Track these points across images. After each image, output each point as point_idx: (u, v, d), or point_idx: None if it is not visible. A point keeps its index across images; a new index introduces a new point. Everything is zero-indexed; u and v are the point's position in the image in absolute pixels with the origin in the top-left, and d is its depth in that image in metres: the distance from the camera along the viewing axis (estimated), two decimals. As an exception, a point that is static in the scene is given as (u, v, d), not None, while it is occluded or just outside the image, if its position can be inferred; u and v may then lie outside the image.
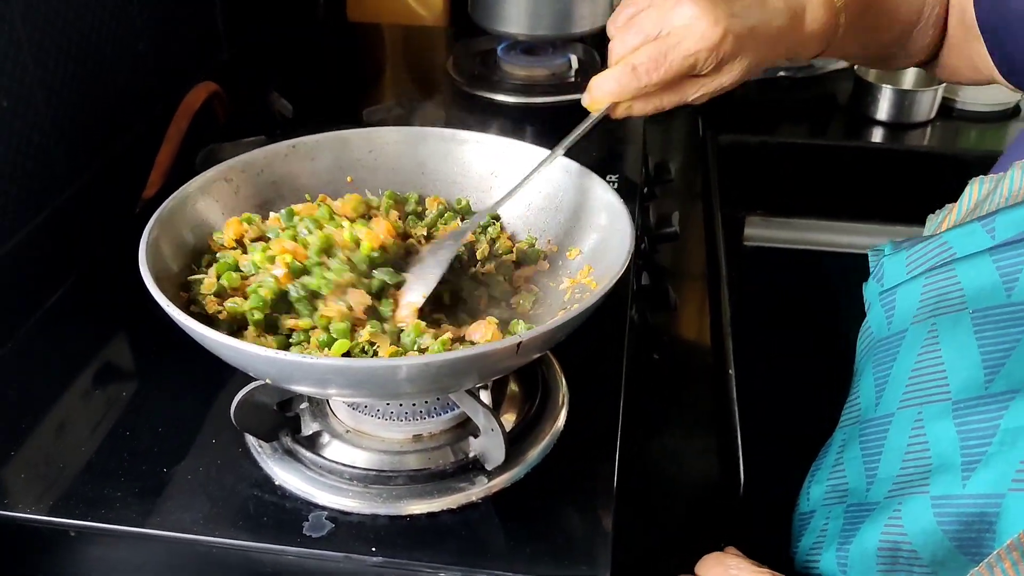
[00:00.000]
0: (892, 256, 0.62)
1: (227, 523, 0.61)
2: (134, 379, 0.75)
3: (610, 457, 0.67)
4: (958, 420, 0.52)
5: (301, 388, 0.59)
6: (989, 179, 0.59)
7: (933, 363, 0.55)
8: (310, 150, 0.74)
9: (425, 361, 0.53)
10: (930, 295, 0.57)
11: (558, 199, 0.72)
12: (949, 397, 0.53)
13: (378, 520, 0.61)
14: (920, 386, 0.55)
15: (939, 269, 0.57)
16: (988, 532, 0.49)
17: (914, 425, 0.55)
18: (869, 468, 0.58)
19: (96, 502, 0.62)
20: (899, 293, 0.60)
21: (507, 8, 1.19)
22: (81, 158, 0.95)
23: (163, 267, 0.61)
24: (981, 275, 0.54)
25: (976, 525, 0.50)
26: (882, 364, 0.60)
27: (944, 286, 0.56)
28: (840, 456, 0.62)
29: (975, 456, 0.50)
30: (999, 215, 0.54)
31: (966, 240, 0.56)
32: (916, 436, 0.54)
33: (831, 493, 0.62)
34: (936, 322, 0.56)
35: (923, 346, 0.56)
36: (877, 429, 0.58)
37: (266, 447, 0.66)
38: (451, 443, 0.66)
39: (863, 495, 0.58)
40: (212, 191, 0.69)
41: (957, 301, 0.55)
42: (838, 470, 0.62)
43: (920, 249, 0.59)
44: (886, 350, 0.60)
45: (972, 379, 0.52)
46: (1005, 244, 0.54)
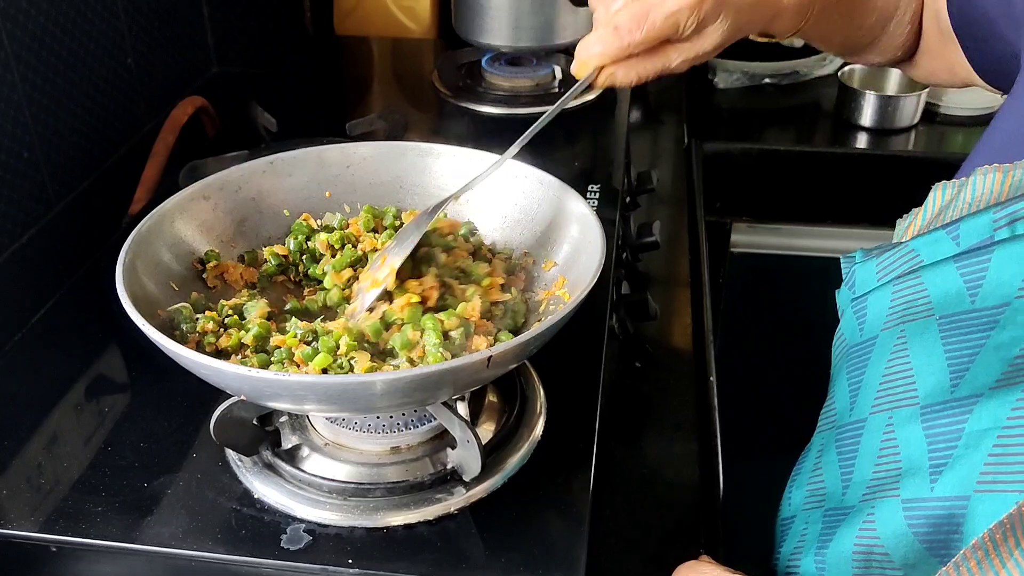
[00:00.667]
0: (863, 263, 0.62)
1: (206, 537, 0.61)
2: (116, 394, 0.76)
3: (587, 465, 0.67)
4: (926, 424, 0.53)
5: (277, 404, 0.60)
6: (952, 184, 0.60)
7: (902, 369, 0.56)
8: (288, 166, 0.75)
9: (398, 376, 0.54)
10: (899, 302, 0.58)
11: (533, 211, 0.73)
12: (917, 402, 0.54)
13: (355, 532, 0.62)
14: (890, 391, 0.56)
15: (907, 276, 0.58)
16: (956, 533, 0.50)
17: (885, 429, 0.56)
18: (844, 472, 0.59)
19: (77, 517, 0.63)
20: (870, 300, 0.61)
21: (490, 20, 1.21)
22: (70, 174, 0.95)
23: (140, 286, 0.62)
24: (946, 282, 0.55)
25: (944, 527, 0.50)
26: (855, 370, 0.61)
27: (912, 293, 0.57)
28: (819, 461, 0.63)
29: (942, 459, 0.51)
30: (963, 222, 0.55)
31: (932, 247, 0.57)
32: (887, 440, 0.55)
33: (810, 498, 0.63)
34: (905, 328, 0.57)
35: (892, 352, 0.57)
36: (852, 434, 0.59)
37: (246, 461, 0.67)
38: (429, 454, 0.67)
39: (839, 499, 0.59)
40: (190, 209, 0.70)
41: (924, 308, 0.56)
42: (816, 475, 0.63)
43: (889, 256, 0.60)
44: (859, 356, 0.61)
45: (939, 384, 0.53)
46: (968, 251, 0.54)
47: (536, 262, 0.71)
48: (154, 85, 1.13)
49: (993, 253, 0.53)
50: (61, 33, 0.93)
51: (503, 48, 1.23)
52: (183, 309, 0.65)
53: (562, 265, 0.68)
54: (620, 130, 1.17)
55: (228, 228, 0.71)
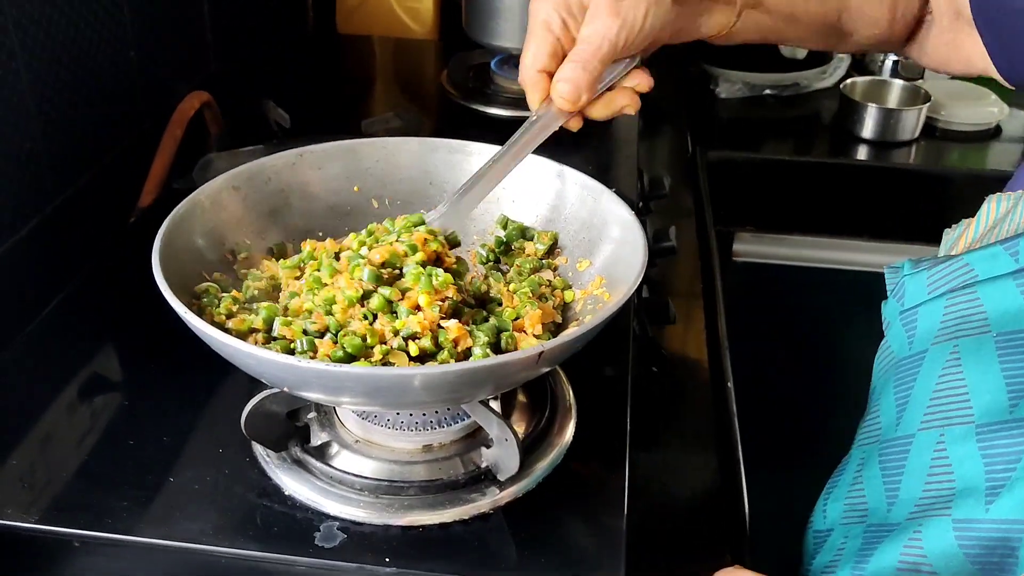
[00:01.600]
0: (913, 276, 0.62)
1: (237, 534, 0.60)
2: (134, 389, 0.74)
3: (620, 468, 0.67)
4: (982, 444, 0.52)
5: (316, 396, 0.59)
6: (1007, 197, 0.59)
7: (955, 385, 0.55)
8: (318, 159, 0.74)
9: (442, 370, 0.53)
10: (952, 316, 0.58)
11: (565, 211, 0.72)
12: (972, 420, 0.53)
13: (390, 531, 0.61)
14: (942, 408, 0.55)
15: (961, 291, 0.57)
16: (1011, 557, 0.49)
17: (936, 447, 0.55)
18: (890, 489, 0.58)
19: (101, 512, 0.61)
20: (920, 313, 0.60)
21: (501, 23, 1.20)
22: (72, 167, 0.94)
23: (175, 274, 0.60)
24: (1005, 299, 0.54)
25: (999, 550, 0.50)
26: (903, 384, 0.60)
27: (966, 308, 0.57)
28: (859, 475, 0.62)
29: (999, 481, 0.51)
30: (1022, 239, 0.55)
31: (989, 263, 0.56)
32: (939, 458, 0.54)
33: (850, 512, 0.62)
34: (958, 344, 0.56)
35: (944, 367, 0.56)
36: (898, 449, 0.58)
37: (274, 457, 0.65)
38: (461, 454, 0.66)
39: (884, 515, 0.58)
40: (220, 199, 0.68)
41: (980, 323, 0.55)
42: (857, 489, 0.62)
43: (942, 269, 0.59)
44: (907, 370, 0.60)
45: (996, 403, 0.52)
46: None
47: (569, 261, 0.71)
48: (155, 79, 1.11)
49: None
50: (66, 23, 0.92)
51: (514, 50, 1.22)
52: (211, 288, 0.63)
53: (600, 265, 0.68)
54: (630, 135, 1.17)
55: (259, 219, 0.70)
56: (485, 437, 0.65)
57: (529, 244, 0.71)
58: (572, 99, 0.63)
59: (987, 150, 1.43)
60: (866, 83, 1.47)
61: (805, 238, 1.42)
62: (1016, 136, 1.47)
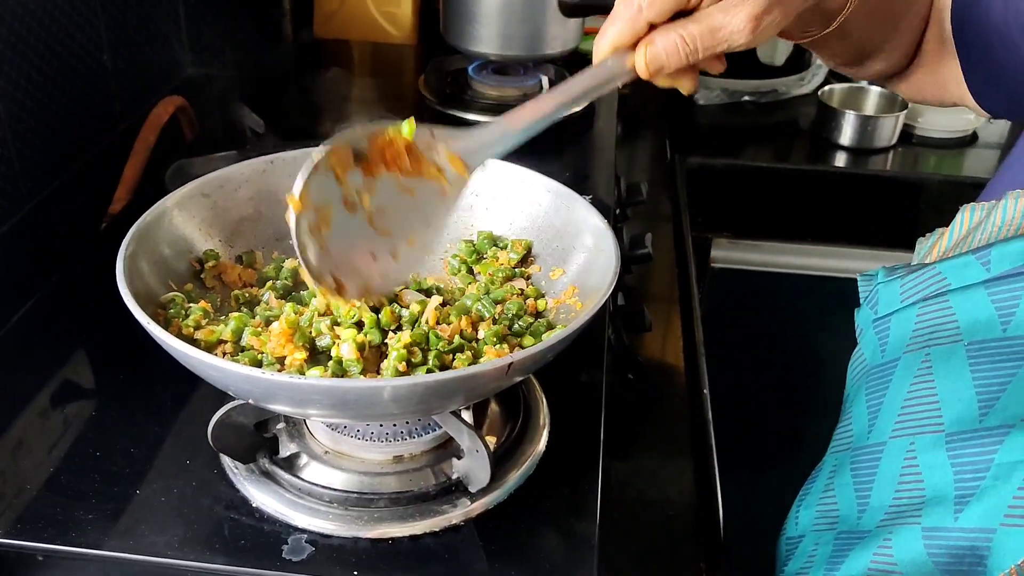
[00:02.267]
0: (886, 284, 0.62)
1: (204, 547, 0.59)
2: (102, 398, 0.73)
3: (593, 478, 0.66)
4: (951, 452, 0.52)
5: (283, 408, 0.58)
6: (980, 207, 0.59)
7: (926, 393, 0.55)
8: (288, 166, 0.73)
9: (412, 382, 0.52)
10: (924, 325, 0.58)
11: (541, 220, 0.72)
12: (942, 428, 0.53)
13: (359, 543, 0.60)
14: (913, 416, 0.56)
15: (934, 299, 0.57)
16: (979, 566, 0.49)
17: (907, 455, 0.55)
18: (861, 496, 0.58)
19: (66, 525, 0.60)
20: (893, 321, 0.60)
21: (480, 28, 1.20)
22: (44, 172, 0.92)
23: (141, 283, 0.59)
24: (976, 308, 0.54)
25: (967, 559, 0.50)
26: (875, 392, 0.60)
27: (938, 317, 0.57)
28: (831, 482, 0.62)
29: (968, 490, 0.51)
30: (994, 248, 0.55)
31: (961, 272, 0.56)
32: (909, 466, 0.54)
33: (821, 519, 0.62)
34: (930, 352, 0.56)
35: (916, 376, 0.56)
36: (869, 457, 0.58)
37: (242, 469, 0.64)
38: (432, 464, 0.65)
39: (854, 523, 0.58)
40: (189, 206, 0.68)
41: (952, 332, 0.55)
42: (828, 496, 0.62)
43: (915, 278, 0.59)
44: (879, 378, 0.60)
45: (966, 412, 0.52)
46: (1001, 278, 0.54)
47: (543, 270, 0.70)
48: (129, 84, 1.10)
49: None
50: (38, 27, 0.91)
51: (492, 56, 1.22)
52: (176, 298, 0.63)
53: (573, 274, 0.67)
54: (608, 142, 1.17)
55: (227, 227, 0.69)
56: (456, 448, 0.65)
57: (502, 252, 0.71)
58: (654, 71, 0.54)
59: (963, 157, 1.44)
60: (844, 90, 1.48)
61: (782, 244, 1.42)
62: (992, 143, 1.47)
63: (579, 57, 1.39)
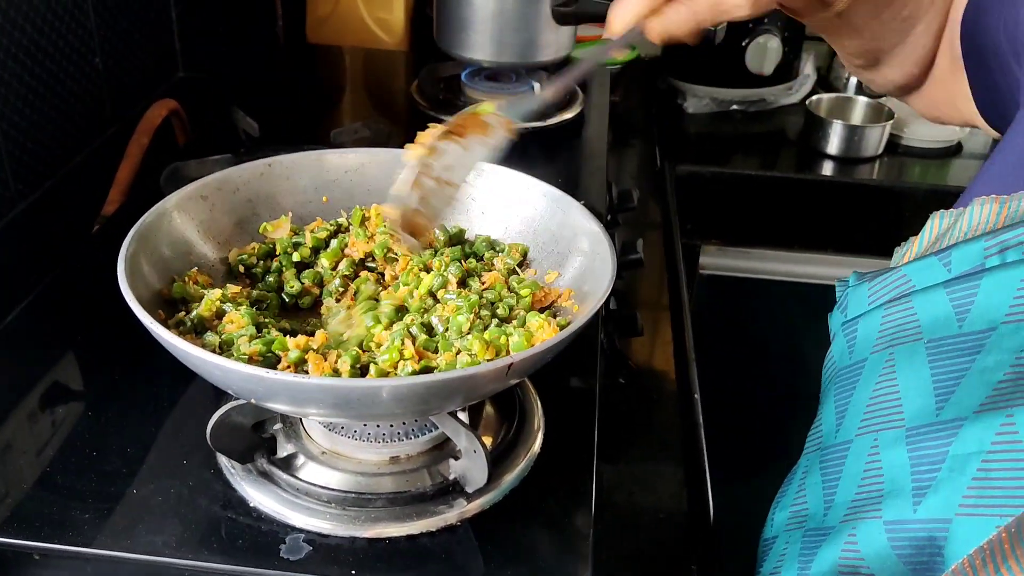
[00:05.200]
0: (856, 287, 0.63)
1: (202, 546, 0.59)
2: (97, 398, 0.73)
3: (588, 479, 0.67)
4: (910, 446, 0.53)
5: (284, 408, 0.58)
6: (949, 214, 0.61)
7: (889, 391, 0.56)
8: (286, 169, 0.74)
9: (411, 382, 0.53)
10: (889, 326, 0.59)
11: (536, 223, 0.72)
12: (903, 424, 0.54)
13: (356, 543, 0.60)
14: (877, 414, 0.57)
15: (898, 301, 0.59)
16: (938, 556, 0.50)
17: (870, 451, 0.56)
18: (827, 493, 0.59)
19: (62, 524, 0.60)
20: (860, 323, 0.62)
21: (472, 35, 1.20)
22: (36, 174, 0.92)
23: (141, 283, 0.60)
24: (936, 307, 0.56)
25: (927, 549, 0.51)
26: (843, 392, 0.61)
27: (902, 317, 0.58)
28: (803, 483, 0.63)
29: (925, 482, 0.52)
30: (955, 249, 0.56)
31: (924, 273, 0.57)
32: (872, 462, 0.55)
33: (792, 519, 0.63)
34: (894, 352, 0.57)
35: (881, 375, 0.57)
36: (837, 456, 0.59)
37: (239, 468, 0.65)
38: (428, 465, 0.65)
39: (820, 520, 0.59)
40: (188, 208, 0.68)
41: (913, 332, 0.57)
42: (800, 496, 0.63)
43: (881, 281, 0.61)
44: (847, 379, 0.61)
45: (925, 407, 0.53)
46: (959, 277, 0.55)
47: (538, 273, 0.71)
48: (121, 87, 1.10)
49: (983, 279, 0.54)
50: (31, 28, 0.91)
51: (485, 63, 1.22)
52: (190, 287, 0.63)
53: (570, 278, 0.68)
54: (599, 149, 1.18)
55: (226, 229, 0.70)
56: (453, 449, 0.65)
57: (499, 257, 0.72)
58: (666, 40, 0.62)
59: (948, 167, 1.45)
60: (831, 100, 1.50)
61: (770, 252, 1.43)
62: (977, 154, 1.49)
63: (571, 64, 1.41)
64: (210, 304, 0.62)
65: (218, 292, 0.64)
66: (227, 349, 0.60)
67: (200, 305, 0.63)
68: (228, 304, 0.63)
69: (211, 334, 0.61)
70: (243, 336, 0.60)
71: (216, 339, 0.60)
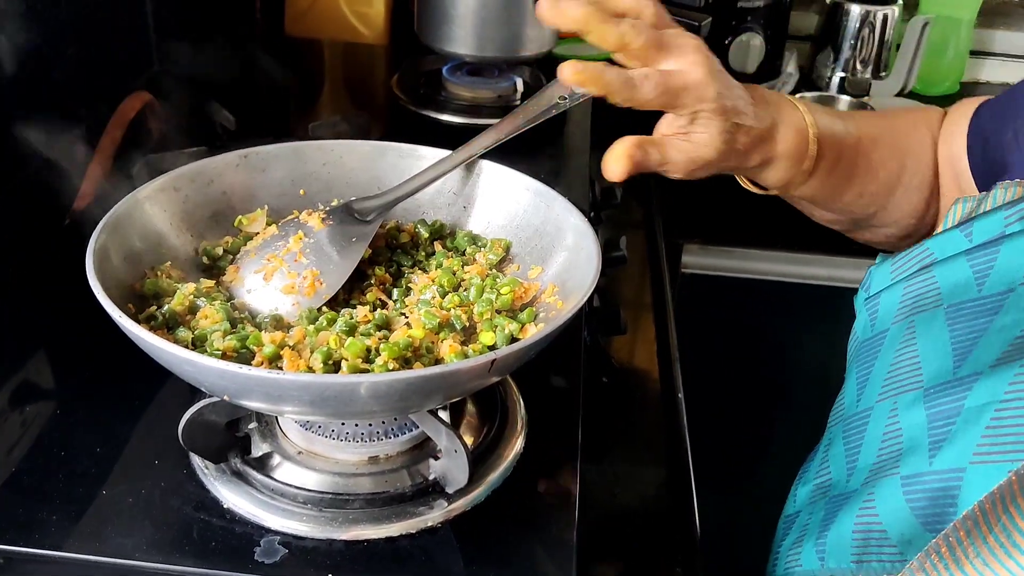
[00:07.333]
0: (879, 266, 0.64)
1: (173, 548, 0.57)
2: (65, 396, 0.71)
3: (571, 479, 0.66)
4: (928, 405, 0.54)
5: (258, 405, 0.56)
6: (972, 198, 0.62)
7: (910, 357, 0.57)
8: (262, 161, 0.72)
9: (391, 379, 0.51)
10: (910, 297, 0.60)
11: (519, 218, 0.71)
12: (922, 385, 0.55)
13: (334, 545, 0.59)
14: (897, 379, 0.58)
15: (919, 272, 0.60)
16: (951, 506, 0.50)
17: (890, 415, 0.57)
18: (850, 460, 0.60)
19: (28, 526, 0.58)
20: (882, 297, 0.63)
21: (454, 29, 1.19)
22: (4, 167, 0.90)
23: (111, 276, 0.58)
24: (956, 274, 0.57)
25: (941, 500, 0.51)
26: (864, 363, 0.62)
27: (923, 287, 0.59)
28: (826, 455, 0.64)
29: (941, 436, 0.52)
30: (976, 221, 0.57)
31: (946, 245, 0.59)
32: (891, 424, 0.56)
33: (816, 491, 0.64)
34: (914, 320, 0.58)
35: (901, 342, 0.58)
36: (859, 423, 0.60)
37: (213, 468, 0.63)
38: (408, 465, 0.64)
39: (843, 487, 0.60)
40: (160, 200, 0.66)
41: (934, 299, 0.58)
42: (824, 468, 0.64)
43: (903, 256, 0.62)
44: (868, 350, 0.62)
45: (942, 367, 0.54)
46: (980, 246, 0.56)
47: (521, 268, 0.69)
48: (95, 78, 1.08)
49: (1003, 245, 0.55)
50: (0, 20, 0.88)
51: (467, 57, 1.21)
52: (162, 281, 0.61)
53: (554, 273, 0.67)
54: (582, 146, 1.16)
55: (199, 222, 0.68)
56: (433, 448, 0.64)
57: (481, 253, 0.70)
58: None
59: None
60: (814, 98, 1.49)
61: (753, 251, 1.42)
62: (958, 153, 1.49)
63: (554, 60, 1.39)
64: (183, 298, 0.60)
65: (191, 286, 0.62)
66: (200, 345, 0.58)
67: (172, 299, 0.61)
68: (202, 299, 0.61)
69: (184, 329, 0.59)
70: (217, 331, 0.58)
71: (189, 334, 0.58)
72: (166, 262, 0.64)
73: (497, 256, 0.70)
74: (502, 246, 0.70)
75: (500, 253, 0.70)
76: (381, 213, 0.69)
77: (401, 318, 0.63)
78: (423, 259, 0.71)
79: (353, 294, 0.67)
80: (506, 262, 0.70)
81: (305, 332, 0.59)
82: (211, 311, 0.60)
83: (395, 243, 0.72)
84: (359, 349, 0.57)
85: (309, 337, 0.59)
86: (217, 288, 0.64)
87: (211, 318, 0.59)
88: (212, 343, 0.57)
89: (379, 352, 0.57)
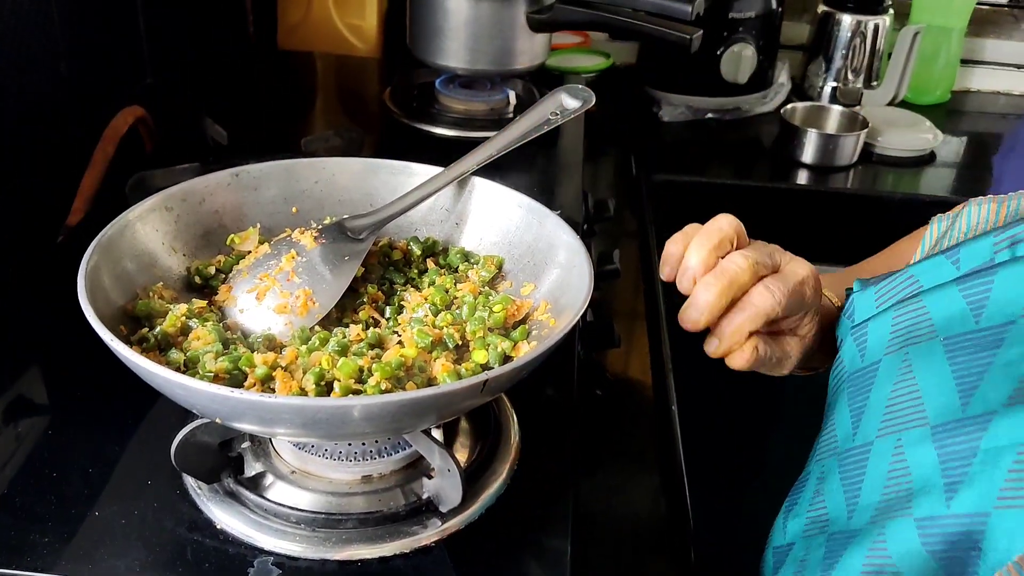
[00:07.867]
0: (861, 293, 0.63)
1: (165, 570, 0.57)
2: (57, 416, 0.71)
3: (566, 494, 0.65)
4: (938, 443, 0.53)
5: (251, 427, 0.56)
6: (947, 216, 0.61)
7: (909, 391, 0.56)
8: (254, 179, 0.72)
9: (383, 400, 0.51)
10: (900, 327, 0.59)
11: (512, 235, 0.71)
12: (927, 422, 0.54)
13: (327, 565, 0.58)
14: (897, 414, 0.56)
15: (907, 301, 0.59)
16: (974, 550, 0.49)
17: (894, 451, 0.56)
18: (850, 496, 0.59)
19: (20, 548, 0.58)
20: (870, 327, 0.62)
21: (447, 42, 1.19)
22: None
23: (103, 298, 0.58)
24: (950, 304, 0.56)
25: (962, 544, 0.50)
26: (857, 396, 0.61)
27: (914, 317, 0.58)
28: (819, 488, 0.63)
29: (957, 477, 0.51)
30: (962, 247, 0.57)
31: (932, 272, 0.58)
32: (897, 462, 0.55)
33: (811, 525, 0.63)
34: (909, 351, 0.57)
35: (898, 375, 0.57)
36: (857, 459, 0.59)
37: (206, 489, 0.63)
38: (402, 484, 0.64)
39: (845, 523, 0.59)
40: (152, 220, 0.66)
41: (927, 330, 0.57)
42: (818, 502, 0.62)
43: (887, 284, 0.61)
44: (861, 381, 0.61)
45: (948, 404, 0.53)
46: (970, 274, 0.56)
47: (514, 285, 0.69)
48: (87, 94, 1.08)
49: (996, 275, 0.54)
50: (-7, 34, 0.88)
51: (459, 70, 1.21)
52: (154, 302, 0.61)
53: (547, 290, 0.67)
54: (575, 158, 1.16)
55: (191, 241, 0.68)
56: (427, 467, 0.64)
57: (473, 270, 0.70)
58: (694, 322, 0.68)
59: (922, 175, 1.46)
60: (806, 108, 1.49)
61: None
62: (949, 162, 1.50)
63: (546, 73, 1.40)
64: (175, 320, 0.60)
65: (183, 307, 0.62)
66: (193, 366, 0.58)
67: (164, 321, 0.60)
68: (194, 320, 0.61)
69: (175, 351, 0.59)
70: (209, 353, 0.58)
71: (181, 356, 0.58)
72: (158, 282, 0.64)
73: (490, 273, 0.70)
74: (495, 263, 0.70)
75: (493, 270, 0.70)
76: (373, 231, 0.69)
77: (394, 336, 0.63)
78: (416, 276, 0.71)
79: (346, 312, 0.67)
80: (499, 279, 0.70)
81: (297, 352, 0.59)
82: (203, 332, 0.59)
83: (388, 260, 0.72)
84: (351, 370, 0.56)
85: (301, 357, 0.58)
86: (209, 308, 0.64)
87: (203, 339, 0.59)
88: (204, 365, 0.57)
89: (371, 372, 0.57)
